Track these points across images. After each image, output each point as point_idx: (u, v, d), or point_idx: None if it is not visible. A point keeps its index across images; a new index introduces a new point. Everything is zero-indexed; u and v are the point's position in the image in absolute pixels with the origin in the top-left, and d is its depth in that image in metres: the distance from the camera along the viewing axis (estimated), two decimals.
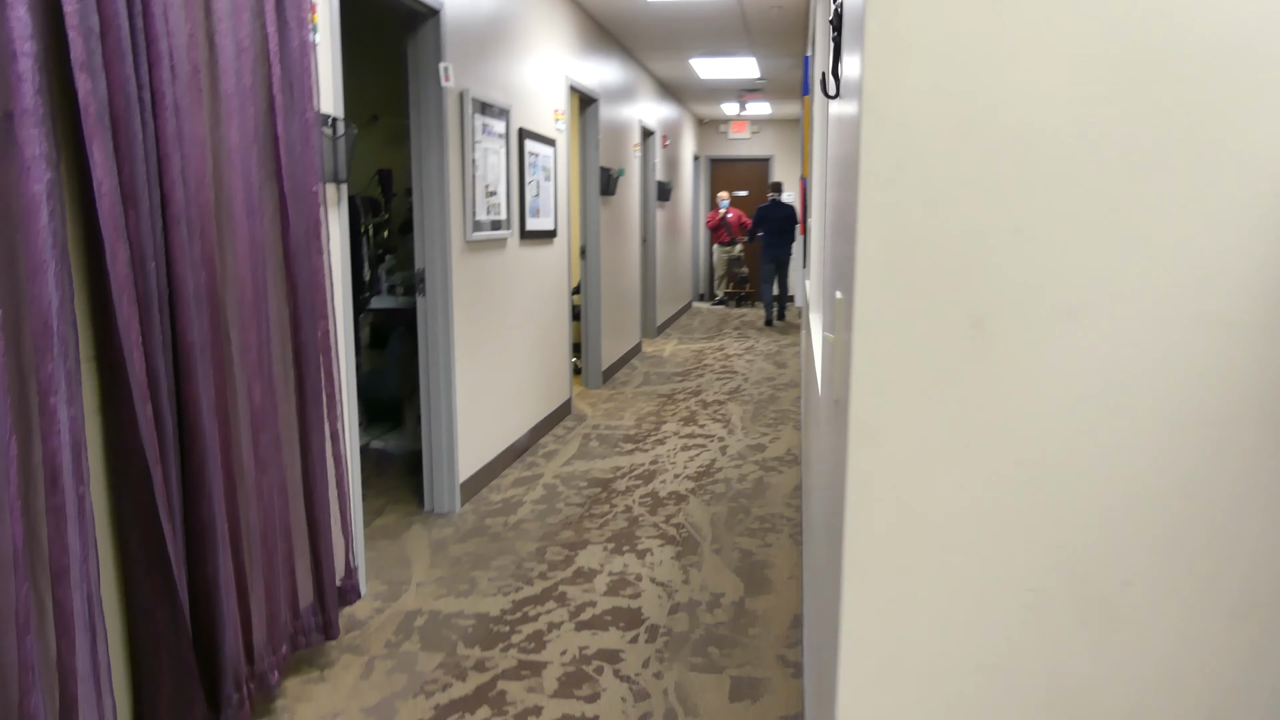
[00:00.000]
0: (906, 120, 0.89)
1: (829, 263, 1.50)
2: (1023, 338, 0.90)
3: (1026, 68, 0.88)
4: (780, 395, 7.36)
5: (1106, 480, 0.89)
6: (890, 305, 0.91)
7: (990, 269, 0.90)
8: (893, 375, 0.92)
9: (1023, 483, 0.91)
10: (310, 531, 2.81)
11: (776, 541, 4.10)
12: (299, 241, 2.71)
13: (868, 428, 0.93)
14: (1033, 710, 0.91)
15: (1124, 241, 0.87)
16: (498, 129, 4.88)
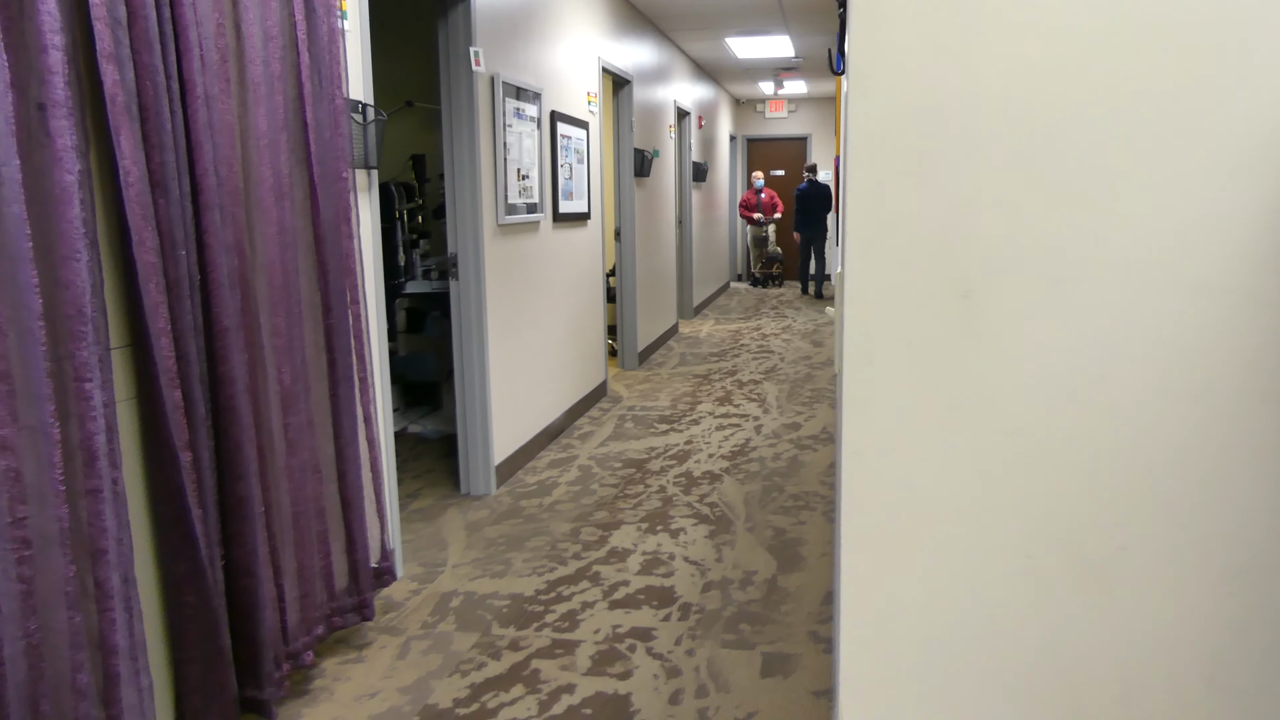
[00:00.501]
0: (890, 95, 0.89)
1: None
2: (1009, 308, 0.89)
3: (1006, 41, 0.87)
4: (816, 374, 7.32)
5: (1097, 447, 0.88)
6: (878, 278, 0.91)
7: (975, 241, 0.89)
8: (882, 347, 0.92)
9: (1013, 451, 0.90)
10: (345, 513, 2.85)
11: (810, 519, 4.10)
12: (329, 227, 2.74)
13: (859, 399, 0.93)
14: (1029, 674, 0.91)
15: (1107, 211, 0.85)
16: (530, 112, 4.89)
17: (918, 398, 0.91)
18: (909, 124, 0.89)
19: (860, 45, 0.88)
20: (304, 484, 2.64)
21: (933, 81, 0.88)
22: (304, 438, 2.63)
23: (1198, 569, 0.87)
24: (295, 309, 2.59)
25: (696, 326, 10.09)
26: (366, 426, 3.04)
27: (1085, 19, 0.84)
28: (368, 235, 3.26)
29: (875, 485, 0.93)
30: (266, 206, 2.45)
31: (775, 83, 12.21)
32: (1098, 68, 0.84)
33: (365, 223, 3.25)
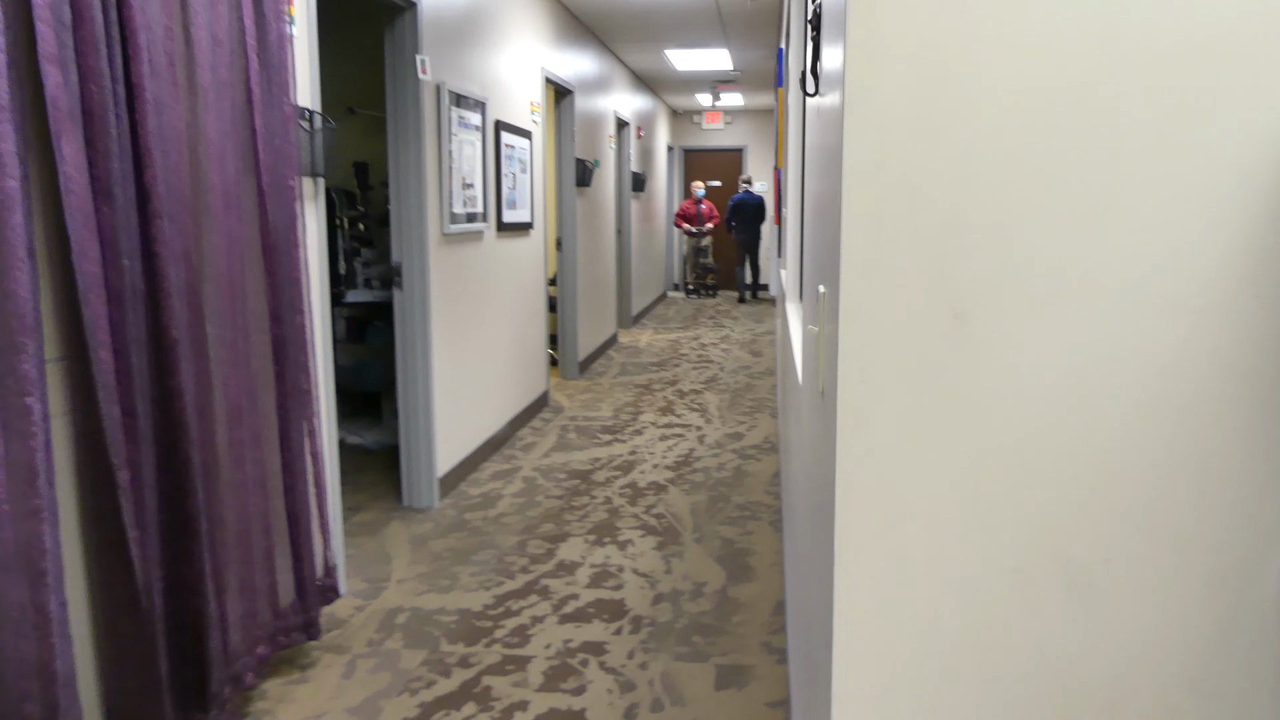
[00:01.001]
0: (887, 116, 0.90)
1: (810, 255, 1.51)
2: (1001, 327, 0.92)
3: (999, 63, 0.89)
4: (756, 384, 7.39)
5: (1086, 462, 0.91)
6: (873, 298, 0.92)
7: (968, 261, 0.91)
8: (877, 366, 0.93)
9: (1005, 467, 0.92)
10: (290, 529, 2.79)
11: (757, 529, 4.13)
12: (278, 235, 2.68)
13: (855, 418, 0.94)
14: (1021, 684, 0.93)
15: (1096, 232, 0.89)
16: (474, 121, 4.85)
17: (912, 417, 0.93)
18: (906, 143, 0.90)
19: (858, 63, 0.90)
20: (250, 499, 2.58)
21: (931, 100, 0.90)
22: (251, 451, 2.57)
23: (1180, 577, 0.90)
24: (244, 320, 2.52)
25: (636, 336, 10.11)
26: (311, 439, 2.98)
27: (1076, 44, 0.87)
28: (314, 244, 3.20)
29: (869, 503, 0.95)
30: (216, 214, 2.39)
31: (713, 95, 12.33)
32: (1088, 92, 0.87)
33: (312, 231, 3.18)
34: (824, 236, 1.19)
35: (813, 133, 1.52)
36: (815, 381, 1.18)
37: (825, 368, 1.07)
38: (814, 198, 1.41)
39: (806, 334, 1.70)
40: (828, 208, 1.14)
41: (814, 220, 1.44)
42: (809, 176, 1.65)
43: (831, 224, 1.06)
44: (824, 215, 1.20)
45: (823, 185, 1.24)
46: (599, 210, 8.52)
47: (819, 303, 1.16)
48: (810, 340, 1.35)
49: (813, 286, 1.41)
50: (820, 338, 1.11)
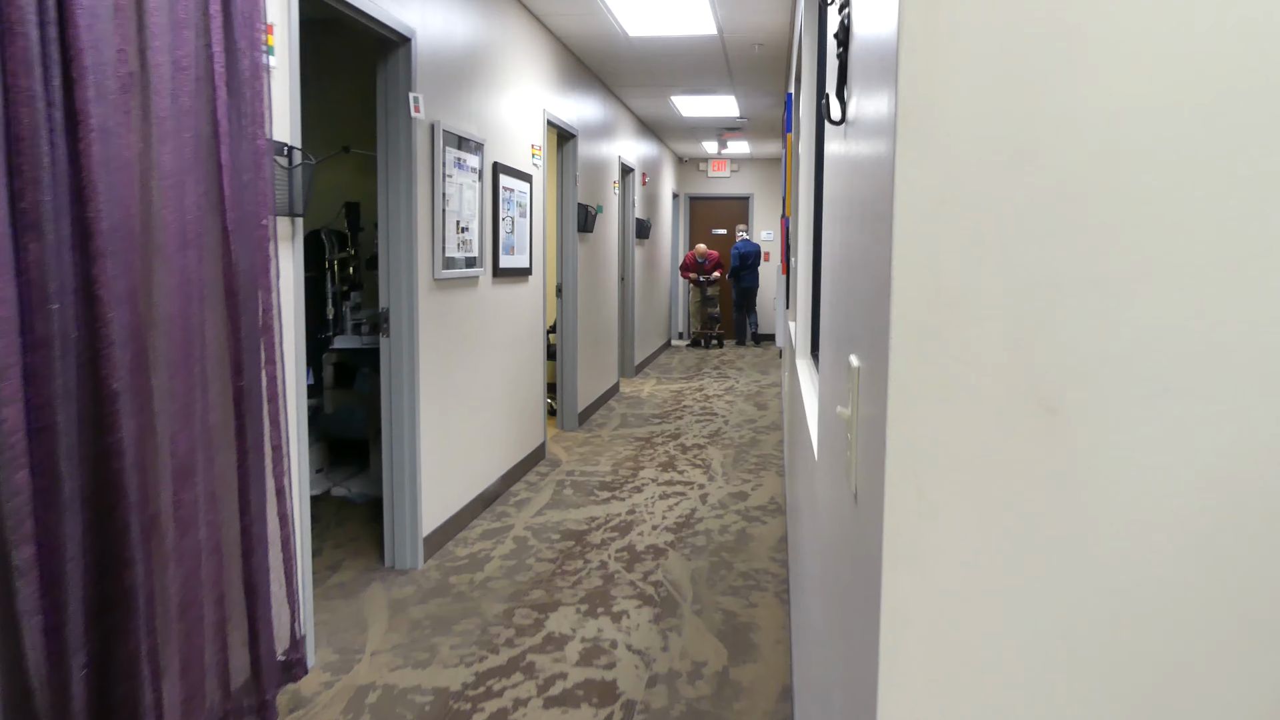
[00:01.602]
0: (953, 147, 0.68)
1: (834, 315, 1.27)
2: (1104, 425, 0.67)
3: (1108, 77, 0.66)
4: (762, 439, 7.13)
5: (1218, 615, 0.66)
6: (934, 380, 0.69)
7: (1060, 334, 0.68)
8: (936, 475, 0.69)
9: (1107, 619, 0.68)
10: (248, 600, 2.53)
11: (762, 600, 3.85)
12: (243, 278, 2.46)
13: (905, 542, 0.70)
14: None
15: (1236, 303, 0.65)
16: (471, 163, 4.67)
17: (985, 546, 0.69)
18: (977, 182, 0.67)
19: (913, 85, 0.67)
20: (202, 568, 2.32)
21: (1011, 130, 0.67)
22: (200, 515, 2.32)
23: None
24: (198, 369, 2.29)
25: (638, 386, 9.87)
26: (279, 500, 2.73)
27: (1215, 45, 0.64)
28: (289, 289, 2.97)
29: (924, 659, 0.70)
30: (169, 254, 2.16)
31: (719, 142, 12.23)
32: (1238, 110, 0.64)
33: (287, 275, 2.96)
34: (857, 296, 0.95)
35: (838, 175, 1.29)
36: (845, 477, 0.93)
37: (861, 465, 0.83)
38: (840, 249, 1.18)
39: (827, 410, 1.46)
40: (862, 262, 0.91)
41: (839, 275, 1.20)
42: (831, 224, 1.41)
43: (869, 282, 0.83)
44: (857, 270, 0.97)
45: (855, 236, 1.01)
46: (601, 257, 8.33)
47: (849, 378, 0.92)
48: (835, 423, 1.11)
49: (838, 354, 1.18)
50: (853, 425, 0.87)
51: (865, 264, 0.88)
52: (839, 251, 1.24)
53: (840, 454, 1.05)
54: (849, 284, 1.05)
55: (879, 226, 0.78)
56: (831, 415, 1.28)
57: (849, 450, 0.90)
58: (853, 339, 0.96)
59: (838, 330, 1.18)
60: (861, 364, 0.86)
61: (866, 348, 0.84)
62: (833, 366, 1.27)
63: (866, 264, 0.87)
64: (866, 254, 0.88)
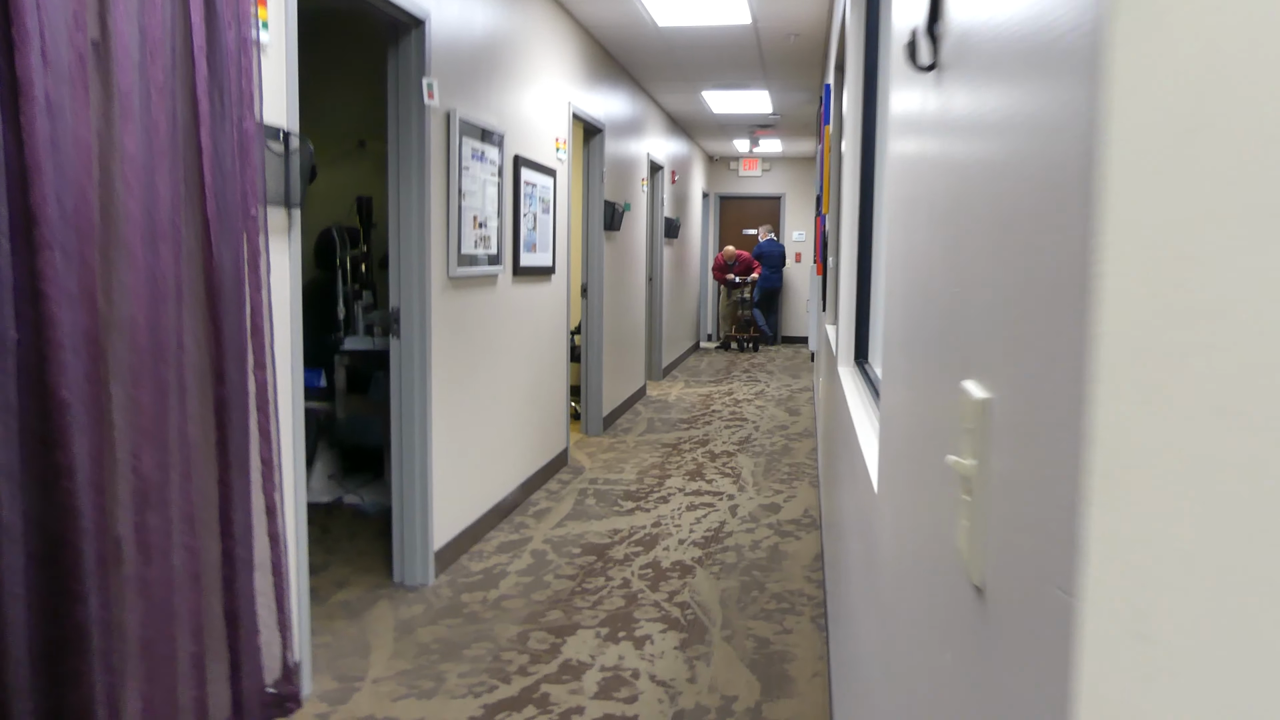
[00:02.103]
0: (1175, 113, 0.40)
1: (921, 325, 0.98)
2: None
3: None
4: (794, 446, 6.83)
5: None
6: (1174, 432, 0.40)
7: None
8: (1183, 594, 0.41)
9: None
10: (229, 631, 2.28)
11: (797, 626, 3.56)
12: (226, 276, 2.22)
13: (1112, 696, 0.42)
14: None
15: None
16: (490, 155, 4.42)
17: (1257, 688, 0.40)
18: (1221, 155, 0.39)
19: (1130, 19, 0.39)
20: (170, 598, 2.07)
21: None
22: (174, 540, 2.07)
23: None
24: (171, 377, 2.04)
25: (665, 389, 9.59)
26: (269, 519, 2.48)
27: None
28: (285, 286, 2.73)
29: None
30: (133, 249, 1.92)
31: (750, 140, 11.92)
32: None
33: (283, 271, 2.72)
34: (975, 303, 0.67)
35: (921, 153, 1.00)
36: (960, 557, 0.65)
37: (998, 548, 0.55)
38: (929, 244, 0.89)
39: (895, 436, 1.18)
40: (993, 258, 0.63)
41: (922, 276, 0.92)
42: (907, 215, 1.13)
43: (1017, 285, 0.55)
44: (972, 270, 0.69)
45: (966, 225, 0.73)
46: (628, 256, 8.06)
47: (964, 411, 0.63)
48: (923, 465, 0.82)
49: (927, 374, 0.89)
50: (978, 484, 0.59)
51: (1002, 262, 0.60)
52: (924, 248, 0.95)
53: (940, 514, 0.77)
54: (954, 287, 0.77)
55: (1046, 208, 0.50)
56: (908, 447, 1.00)
57: (965, 518, 0.63)
58: (968, 361, 0.68)
59: (927, 345, 0.90)
60: (996, 397, 0.58)
61: (1007, 375, 0.56)
62: (916, 388, 0.99)
63: (1004, 262, 0.59)
64: (1000, 248, 0.60)
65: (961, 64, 0.77)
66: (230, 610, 2.29)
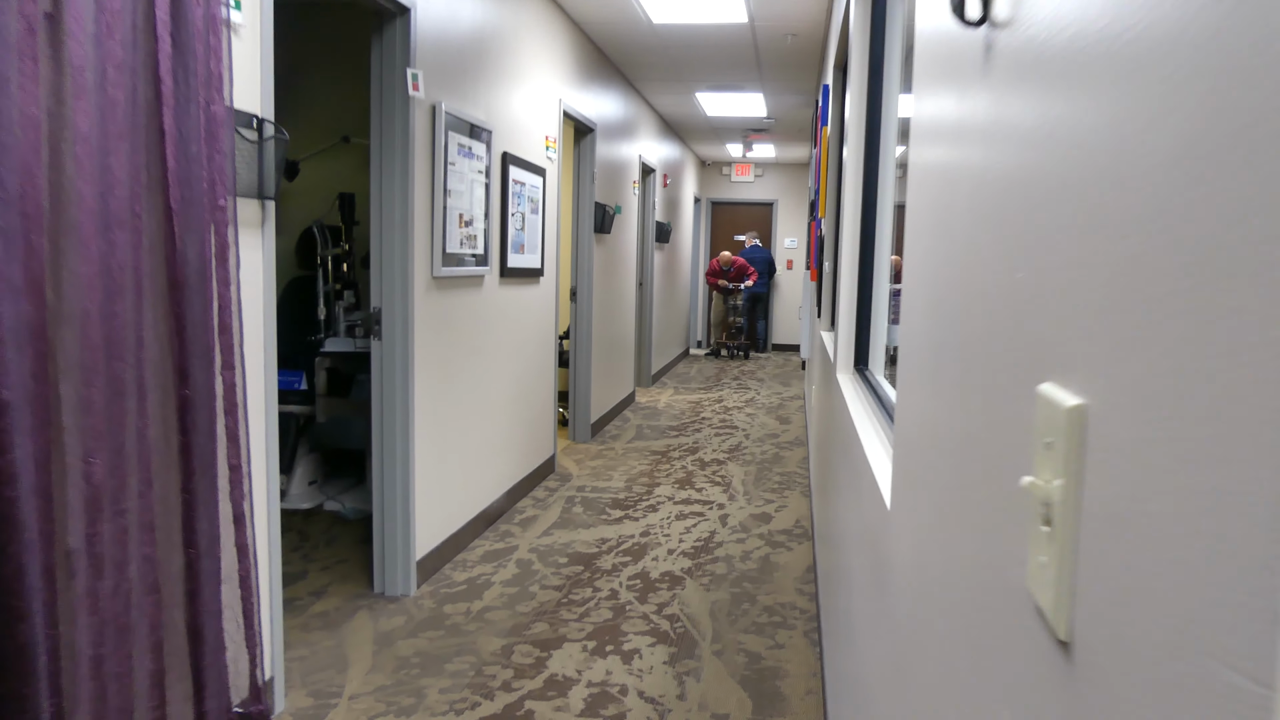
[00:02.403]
0: None
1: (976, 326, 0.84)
2: None
3: None
4: (785, 455, 6.71)
5: None
6: None
7: None
8: None
9: None
10: (192, 647, 2.14)
11: (789, 641, 3.43)
12: (191, 268, 2.08)
13: None
14: None
15: None
16: (478, 151, 4.28)
17: None
18: None
19: None
20: (126, 612, 1.93)
21: None
22: (131, 550, 1.93)
23: None
24: (128, 376, 1.90)
25: (655, 396, 9.46)
26: (237, 529, 2.34)
27: None
28: (258, 283, 2.59)
29: None
30: (86, 236, 1.78)
31: (744, 144, 11.82)
32: None
33: (255, 267, 2.58)
34: (1057, 296, 0.54)
35: (965, 129, 0.88)
36: (1033, 607, 0.52)
37: (1093, 596, 0.42)
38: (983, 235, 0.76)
39: (913, 449, 1.05)
40: (1073, 245, 0.50)
41: (977, 269, 0.79)
42: (935, 208, 1.01)
43: (1121, 272, 0.42)
44: (1050, 258, 0.56)
45: (1015, 215, 0.61)
46: (619, 260, 7.93)
47: (1043, 424, 0.51)
48: (982, 494, 0.69)
49: (967, 378, 0.77)
50: (1063, 510, 0.46)
51: (1109, 239, 0.47)
52: (966, 235, 0.83)
53: (995, 544, 0.64)
54: (1020, 276, 0.65)
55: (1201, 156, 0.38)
56: (939, 462, 0.87)
57: (1044, 553, 0.50)
58: (1044, 360, 0.56)
59: (972, 346, 0.77)
60: (1094, 402, 0.45)
61: (1116, 375, 0.43)
62: (945, 393, 0.86)
63: (1113, 239, 0.46)
64: (1103, 222, 0.48)
65: (1027, 13, 0.65)
66: (194, 625, 2.15)
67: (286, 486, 5.00)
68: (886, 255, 3.04)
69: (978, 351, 0.73)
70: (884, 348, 2.96)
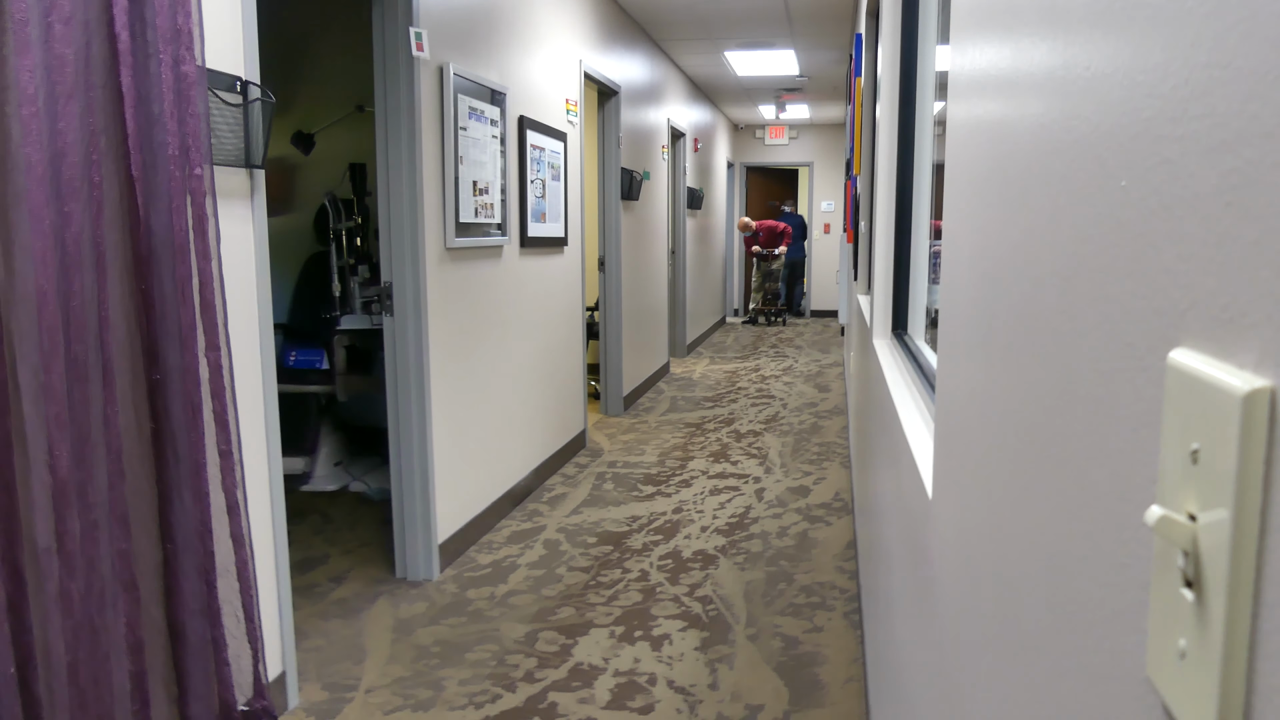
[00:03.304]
0: None
1: (1052, 285, 0.63)
2: None
3: None
4: (823, 424, 6.48)
5: None
6: None
7: None
8: None
9: None
10: (174, 648, 2.00)
11: (828, 623, 3.24)
12: (160, 241, 1.91)
13: None
14: None
15: None
16: (491, 115, 4.09)
17: None
18: None
19: None
20: (101, 613, 1.79)
21: None
22: (98, 547, 1.78)
23: None
24: (86, 358, 1.75)
25: (689, 366, 9.26)
26: (231, 519, 2.20)
27: None
28: (248, 257, 2.43)
29: None
30: (36, 206, 1.62)
31: (777, 105, 11.48)
32: None
33: (246, 239, 2.42)
34: (1191, 231, 0.33)
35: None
36: (1169, 711, 0.32)
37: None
38: (1054, 168, 0.55)
39: (957, 427, 0.85)
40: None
41: (1040, 212, 0.58)
42: (987, 149, 0.79)
43: None
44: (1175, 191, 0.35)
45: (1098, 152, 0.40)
46: (648, 228, 7.71)
47: (1186, 420, 0.30)
48: (1081, 516, 0.49)
49: (1037, 348, 0.56)
50: (1240, 568, 0.26)
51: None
52: (1023, 168, 0.62)
53: (1091, 599, 0.43)
54: (1120, 184, 0.44)
55: None
56: (995, 456, 0.67)
57: (1179, 631, 0.30)
58: (1171, 326, 0.35)
59: (1041, 308, 0.56)
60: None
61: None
62: (1003, 366, 0.65)
63: None
64: None
65: None
66: (174, 623, 2.00)
67: (310, 468, 4.89)
68: (925, 211, 2.80)
69: (1048, 307, 0.53)
70: (924, 310, 2.73)
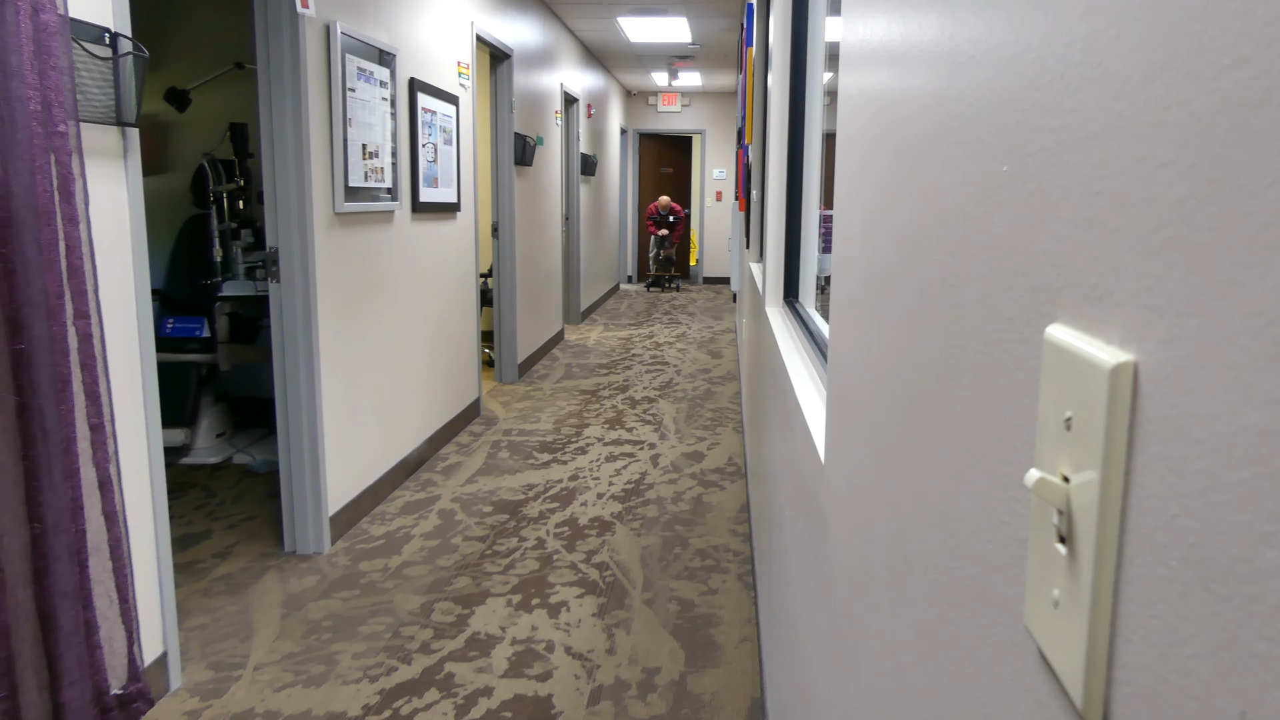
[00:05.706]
0: None
1: (937, 254, 0.66)
2: None
3: None
4: (716, 390, 6.58)
5: None
6: None
7: None
8: None
9: None
10: (45, 634, 1.91)
11: (723, 586, 3.32)
12: (20, 204, 1.80)
13: None
14: None
15: None
16: (381, 76, 3.96)
17: None
18: None
19: None
20: None
21: None
22: None
23: None
24: None
25: (584, 333, 9.25)
26: (103, 495, 2.10)
27: None
28: (121, 221, 2.30)
29: None
30: None
31: (670, 72, 11.48)
32: None
33: (119, 201, 2.29)
34: (1074, 213, 0.35)
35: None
36: (1035, 654, 0.34)
37: (1144, 660, 0.24)
38: (940, 142, 0.57)
39: (849, 392, 0.87)
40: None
41: (926, 181, 0.60)
42: (877, 113, 0.82)
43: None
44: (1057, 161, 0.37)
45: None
46: (542, 194, 7.63)
47: (1060, 390, 0.32)
48: (957, 484, 0.51)
49: (928, 316, 0.58)
50: (1107, 524, 0.28)
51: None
52: (914, 141, 0.64)
53: (971, 552, 0.46)
54: (1003, 169, 0.45)
55: None
56: (885, 420, 0.69)
57: (1053, 582, 0.32)
58: (1047, 303, 0.37)
59: (931, 276, 0.58)
60: (1155, 360, 0.27)
61: (1195, 319, 0.25)
62: (890, 332, 0.67)
63: None
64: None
65: None
66: (44, 607, 1.91)
67: (191, 440, 4.70)
68: (815, 180, 2.86)
69: (935, 280, 0.54)
70: (815, 278, 2.79)
